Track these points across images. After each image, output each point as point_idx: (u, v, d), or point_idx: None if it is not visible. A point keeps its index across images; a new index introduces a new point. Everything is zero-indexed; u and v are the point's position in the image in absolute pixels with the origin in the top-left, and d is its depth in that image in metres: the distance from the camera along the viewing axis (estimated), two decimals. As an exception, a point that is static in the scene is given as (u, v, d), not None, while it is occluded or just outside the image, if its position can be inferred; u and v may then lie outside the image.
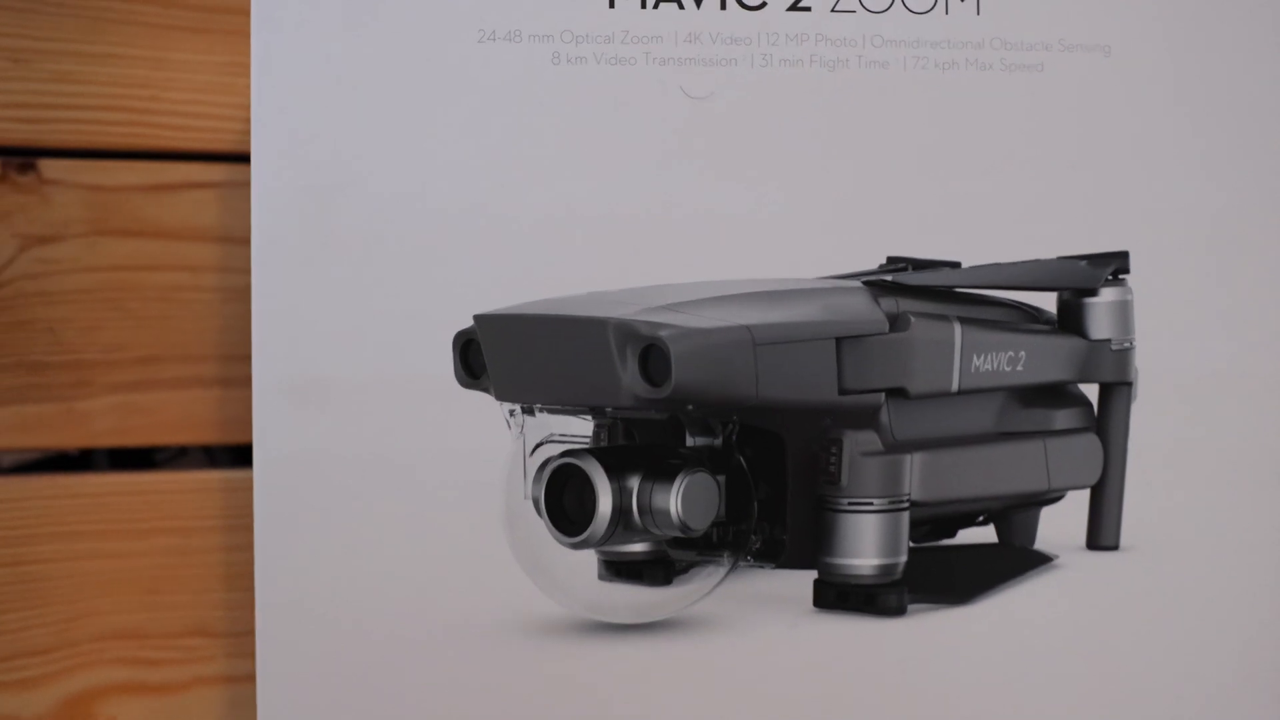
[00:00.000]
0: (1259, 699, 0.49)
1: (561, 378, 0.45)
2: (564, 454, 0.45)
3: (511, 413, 0.46)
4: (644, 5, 0.46)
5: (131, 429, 0.53)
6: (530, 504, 0.45)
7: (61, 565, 0.53)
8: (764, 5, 0.46)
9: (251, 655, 0.53)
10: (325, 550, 0.46)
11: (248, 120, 0.54)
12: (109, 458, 0.55)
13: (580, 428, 0.46)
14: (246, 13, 0.54)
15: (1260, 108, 0.49)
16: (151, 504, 0.54)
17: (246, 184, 0.54)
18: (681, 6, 0.46)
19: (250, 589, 0.54)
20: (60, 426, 0.52)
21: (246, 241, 0.54)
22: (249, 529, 0.54)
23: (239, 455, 0.55)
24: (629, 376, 0.43)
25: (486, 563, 0.45)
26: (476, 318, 0.45)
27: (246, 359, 0.54)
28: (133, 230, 0.53)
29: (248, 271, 0.54)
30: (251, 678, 0.53)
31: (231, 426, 0.54)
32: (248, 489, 0.54)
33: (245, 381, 0.54)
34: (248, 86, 0.53)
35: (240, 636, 0.54)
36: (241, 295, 0.54)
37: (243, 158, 0.54)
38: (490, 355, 0.45)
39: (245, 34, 0.54)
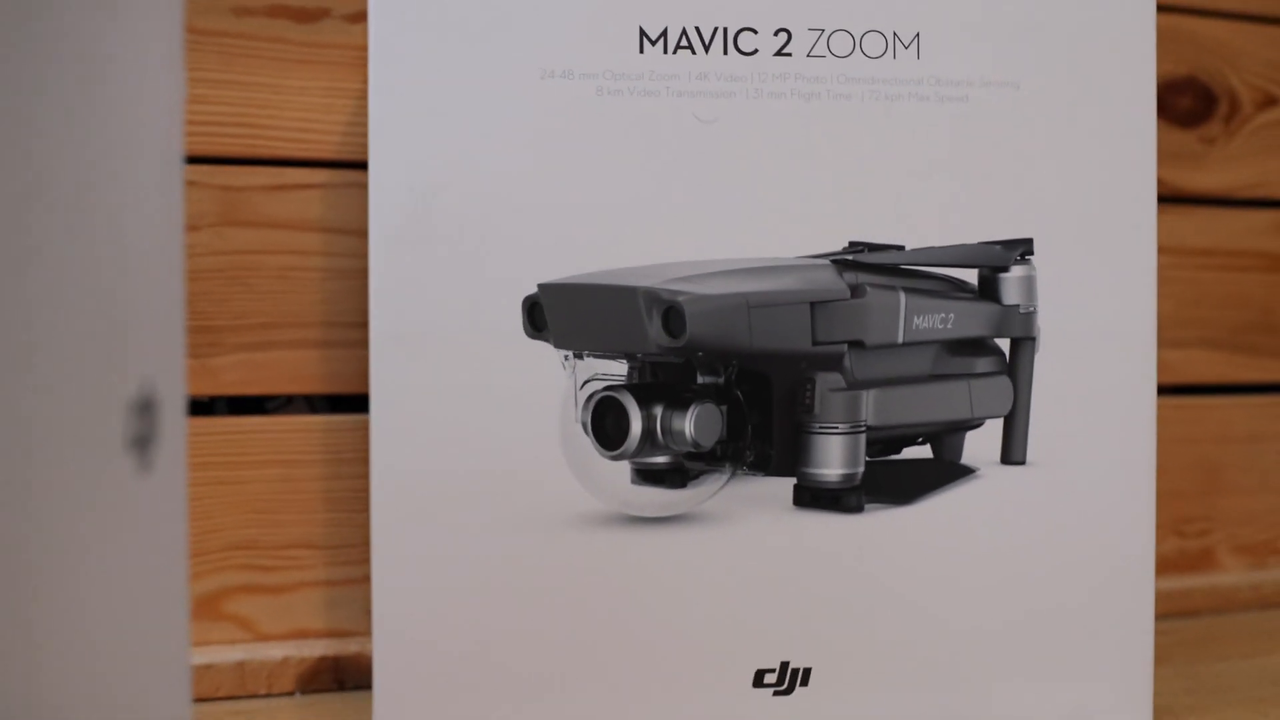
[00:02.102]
0: (1127, 570, 0.53)
1: (603, 331, 0.49)
2: (605, 389, 0.49)
3: (566, 358, 0.49)
4: (665, 51, 0.50)
5: (251, 381, 0.57)
6: (580, 426, 0.49)
7: (195, 489, 0.56)
8: (756, 52, 0.50)
9: (346, 564, 0.58)
10: (425, 465, 0.49)
11: (346, 134, 0.58)
12: (227, 405, 0.58)
13: (617, 369, 0.50)
14: (343, 47, 0.58)
15: (1126, 130, 0.53)
16: (266, 442, 0.58)
17: (346, 185, 0.58)
18: (694, 52, 0.50)
19: (344, 509, 0.58)
20: (195, 379, 0.56)
21: (346, 231, 0.58)
22: (343, 462, 0.58)
23: (334, 403, 0.59)
24: (654, 330, 0.48)
25: (547, 471, 0.49)
26: (540, 285, 0.49)
27: (345, 325, 0.58)
28: (254, 222, 0.57)
29: (346, 255, 0.58)
30: (346, 581, 0.58)
31: (331, 380, 0.59)
32: (342, 430, 0.58)
33: (343, 343, 0.58)
34: (346, 107, 0.58)
35: (337, 548, 0.58)
36: (340, 274, 0.58)
37: (343, 164, 0.58)
38: (550, 314, 0.49)
39: (343, 65, 0.58)
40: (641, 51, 0.50)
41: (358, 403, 0.58)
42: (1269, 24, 0.80)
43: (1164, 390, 0.74)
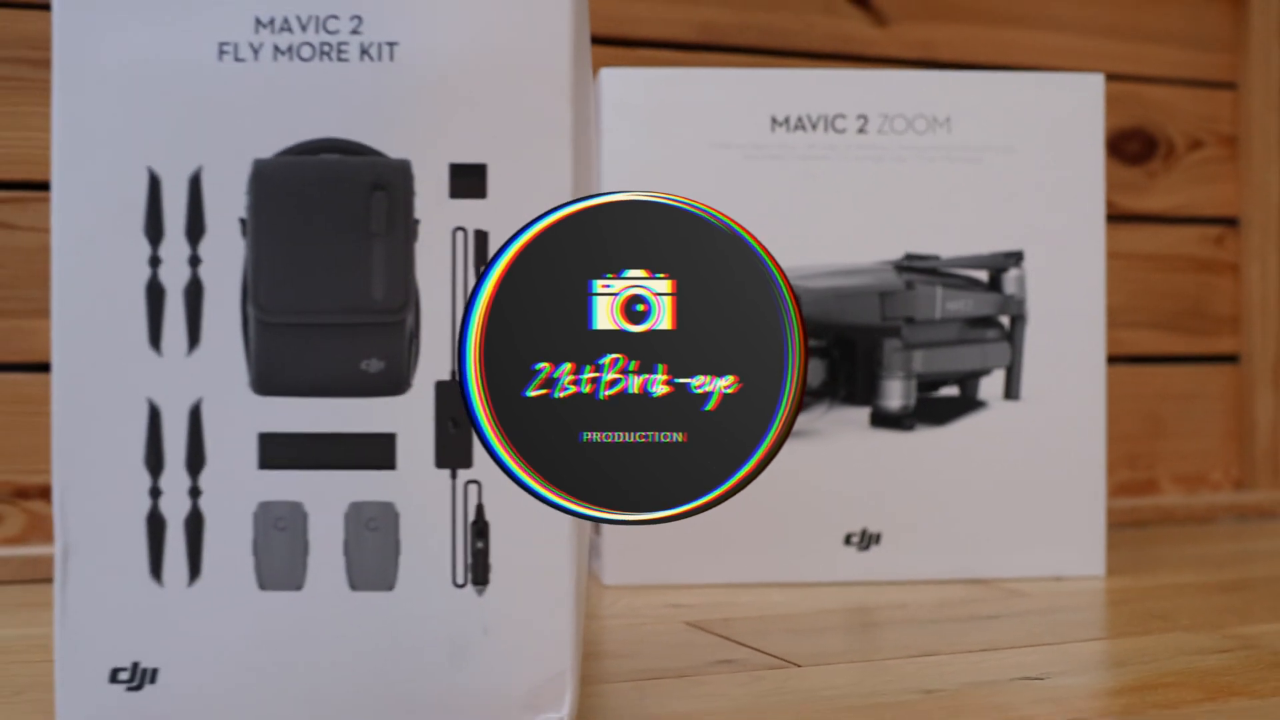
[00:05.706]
0: (1086, 471, 0.66)
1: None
2: (748, 349, 0.63)
3: (722, 330, 0.63)
4: (788, 130, 0.64)
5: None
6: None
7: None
8: (845, 130, 0.64)
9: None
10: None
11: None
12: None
13: (756, 336, 0.65)
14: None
15: (1083, 176, 0.65)
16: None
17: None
18: (805, 131, 0.64)
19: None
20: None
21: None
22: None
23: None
24: (779, 312, 0.65)
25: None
26: (704, 283, 0.66)
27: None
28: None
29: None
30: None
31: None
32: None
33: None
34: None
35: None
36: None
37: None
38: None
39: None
40: (772, 130, 0.64)
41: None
42: (1197, 86, 0.95)
43: (1119, 360, 0.90)
